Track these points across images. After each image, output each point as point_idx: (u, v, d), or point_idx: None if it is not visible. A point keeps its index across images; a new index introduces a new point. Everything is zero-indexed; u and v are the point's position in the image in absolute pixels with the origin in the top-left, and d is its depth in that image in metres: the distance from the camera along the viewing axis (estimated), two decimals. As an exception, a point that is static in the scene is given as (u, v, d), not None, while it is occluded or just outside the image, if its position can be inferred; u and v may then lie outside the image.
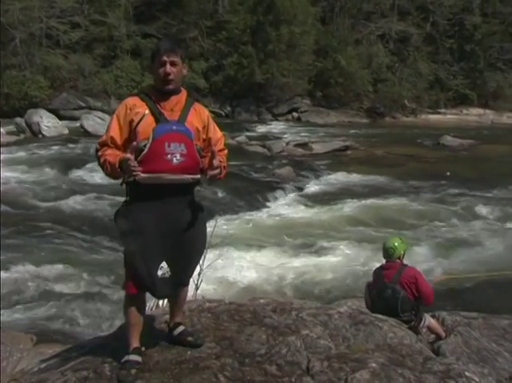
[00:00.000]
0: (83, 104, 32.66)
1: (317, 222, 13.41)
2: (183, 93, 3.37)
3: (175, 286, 3.44)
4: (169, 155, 3.14)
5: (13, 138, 22.98)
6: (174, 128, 3.19)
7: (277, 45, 36.30)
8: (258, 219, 13.58)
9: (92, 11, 36.61)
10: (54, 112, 28.59)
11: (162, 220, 3.24)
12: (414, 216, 14.08)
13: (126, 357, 3.34)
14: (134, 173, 3.04)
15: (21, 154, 19.38)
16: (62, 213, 13.11)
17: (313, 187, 17.40)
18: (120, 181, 3.29)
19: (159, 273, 3.32)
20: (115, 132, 3.21)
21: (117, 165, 3.08)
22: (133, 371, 3.24)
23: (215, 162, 3.21)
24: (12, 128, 24.73)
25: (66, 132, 25.40)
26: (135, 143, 3.09)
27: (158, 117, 3.20)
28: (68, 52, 35.41)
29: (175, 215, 3.28)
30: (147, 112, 3.20)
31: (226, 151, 3.53)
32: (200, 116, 3.37)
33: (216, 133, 3.48)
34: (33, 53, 33.53)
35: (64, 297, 8.75)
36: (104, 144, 3.22)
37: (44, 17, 34.12)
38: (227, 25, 37.42)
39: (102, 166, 3.18)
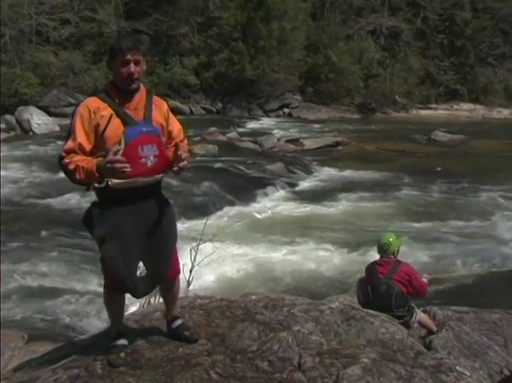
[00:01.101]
0: (73, 101, 32.23)
1: (309, 218, 13.43)
2: (143, 90, 3.28)
3: (154, 281, 3.43)
4: (143, 159, 3.09)
5: (3, 136, 22.82)
6: (144, 129, 3.13)
7: (268, 41, 36.24)
8: (250, 215, 13.57)
9: (82, 7, 36.35)
10: (45, 109, 28.42)
11: (137, 221, 3.21)
12: (405, 211, 14.12)
13: (113, 343, 3.44)
14: (123, 171, 2.94)
15: (12, 152, 19.27)
16: (53, 211, 13.06)
17: (304, 183, 17.42)
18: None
19: (137, 273, 3.33)
20: (82, 139, 3.07)
21: (95, 170, 2.96)
22: (122, 354, 3.35)
23: (182, 154, 3.15)
24: (2, 125, 24.57)
25: (57, 129, 25.21)
26: (118, 148, 2.99)
27: (125, 119, 3.11)
28: (58, 49, 35.15)
29: (148, 213, 3.27)
30: (112, 114, 3.10)
31: (186, 141, 3.49)
32: (161, 110, 3.32)
33: (175, 125, 3.43)
34: (23, 49, 33.25)
35: (56, 295, 8.72)
36: (70, 151, 3.07)
37: (33, 13, 33.84)
38: (218, 21, 37.31)
39: (73, 172, 3.02)
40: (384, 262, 5.68)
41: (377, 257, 5.85)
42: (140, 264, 3.41)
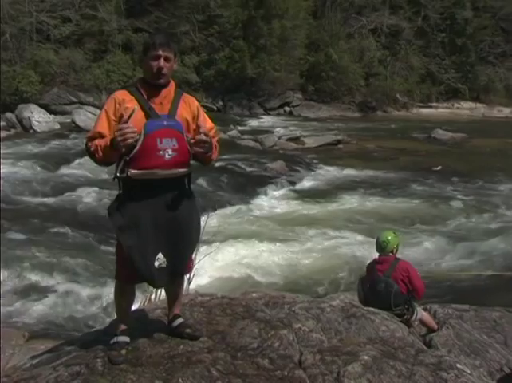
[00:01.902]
0: (74, 99, 32.54)
1: (310, 216, 13.43)
2: (172, 85, 3.35)
3: (173, 274, 3.43)
4: (161, 151, 3.15)
5: (4, 133, 22.84)
6: (165, 123, 3.19)
7: (269, 39, 36.27)
8: (251, 213, 13.58)
9: (82, 5, 36.41)
10: (45, 107, 28.51)
11: (157, 213, 3.25)
12: (405, 210, 14.11)
13: (115, 339, 3.45)
14: (130, 135, 3.01)
15: (12, 149, 19.28)
16: (53, 208, 13.07)
17: (305, 181, 17.42)
18: (111, 176, 3.26)
19: (156, 264, 3.32)
20: (103, 127, 3.18)
21: (109, 144, 3.06)
22: (123, 351, 3.36)
23: (202, 136, 3.18)
24: (2, 123, 24.61)
25: (57, 127, 25.30)
26: (125, 120, 3.08)
27: (148, 112, 3.18)
28: (58, 46, 35.22)
29: (169, 206, 3.29)
30: (136, 107, 3.17)
31: (216, 138, 3.52)
32: (190, 107, 3.37)
33: (206, 122, 3.45)
34: (24, 47, 33.33)
35: (56, 293, 8.73)
36: (92, 138, 3.19)
37: (34, 11, 33.92)
38: (219, 19, 37.31)
39: (93, 153, 3.15)
40: (383, 260, 5.69)
41: (377, 255, 5.86)
42: (160, 255, 3.40)
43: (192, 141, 3.21)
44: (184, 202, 3.35)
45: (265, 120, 32.43)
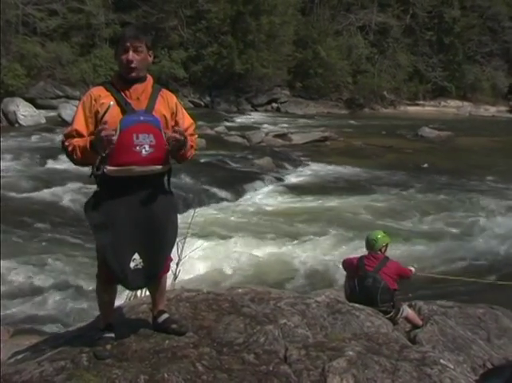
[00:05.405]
0: (60, 93, 32.28)
1: (296, 212, 13.46)
2: (149, 81, 3.29)
3: (149, 276, 3.39)
4: (138, 147, 3.09)
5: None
6: (141, 118, 3.13)
7: (257, 35, 36.22)
8: (237, 209, 13.59)
9: (69, -2, 36.12)
10: (31, 101, 28.22)
11: (133, 211, 3.20)
12: (391, 207, 14.18)
13: (100, 334, 3.43)
14: (109, 139, 2.92)
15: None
16: (39, 203, 12.97)
17: (292, 178, 17.45)
18: (89, 172, 3.22)
19: (132, 265, 3.27)
20: (80, 125, 3.11)
21: (88, 146, 2.99)
22: (108, 346, 3.35)
23: (178, 130, 3.13)
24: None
25: (43, 121, 25.11)
26: (105, 120, 2.99)
27: (124, 108, 3.12)
28: (45, 40, 34.85)
29: (146, 205, 3.23)
30: (112, 102, 3.11)
31: (196, 136, 3.47)
32: (168, 103, 3.30)
33: (185, 120, 3.39)
34: (10, 40, 32.91)
35: (41, 288, 8.68)
36: (69, 136, 3.12)
37: (20, 3, 33.52)
38: (207, 14, 37.18)
39: (71, 153, 3.07)
40: (373, 257, 5.74)
41: (364, 252, 5.91)
42: (137, 256, 3.36)
43: (169, 141, 3.13)
44: (162, 200, 3.29)
45: (253, 117, 32.44)
